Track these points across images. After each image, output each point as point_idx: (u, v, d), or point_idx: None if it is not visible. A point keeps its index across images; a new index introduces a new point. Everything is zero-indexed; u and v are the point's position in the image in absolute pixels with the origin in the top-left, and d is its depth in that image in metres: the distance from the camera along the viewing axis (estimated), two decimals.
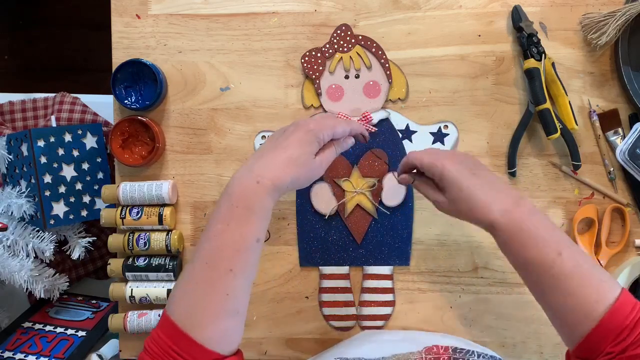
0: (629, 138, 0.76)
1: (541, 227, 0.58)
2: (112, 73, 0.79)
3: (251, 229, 0.56)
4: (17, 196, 0.81)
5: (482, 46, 0.80)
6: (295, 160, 0.59)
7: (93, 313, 0.96)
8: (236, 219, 0.56)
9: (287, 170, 0.58)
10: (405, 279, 0.81)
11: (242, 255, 0.56)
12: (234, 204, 0.57)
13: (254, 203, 0.57)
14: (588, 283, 0.55)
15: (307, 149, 0.60)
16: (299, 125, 0.62)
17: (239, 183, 0.58)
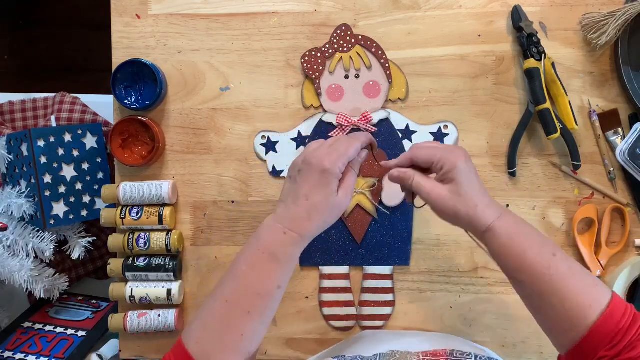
0: (629, 138, 0.76)
1: (533, 231, 0.59)
2: (112, 73, 0.79)
3: (275, 276, 0.58)
4: (17, 196, 0.81)
5: (482, 46, 0.80)
6: (319, 208, 0.59)
7: (93, 313, 0.96)
8: (261, 264, 0.58)
9: (313, 219, 0.59)
10: (405, 279, 0.81)
11: (262, 300, 0.58)
12: (260, 250, 0.58)
13: (280, 252, 0.58)
14: (582, 287, 0.56)
15: (327, 191, 0.59)
16: (311, 166, 0.60)
17: (267, 231, 0.60)
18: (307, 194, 0.59)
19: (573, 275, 0.56)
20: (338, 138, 0.63)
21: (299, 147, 0.81)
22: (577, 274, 0.57)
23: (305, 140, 0.81)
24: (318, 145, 0.62)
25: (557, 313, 0.56)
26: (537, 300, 0.57)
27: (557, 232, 0.80)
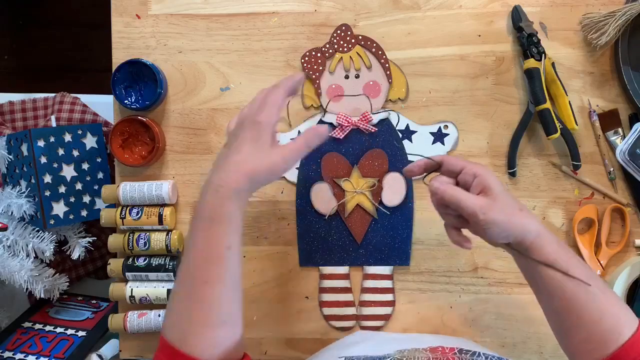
0: (629, 138, 0.76)
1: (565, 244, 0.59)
2: (112, 73, 0.79)
3: (219, 237, 0.56)
4: (17, 196, 0.81)
5: (482, 46, 0.80)
6: (248, 160, 0.57)
7: (93, 313, 0.96)
8: (203, 231, 0.56)
9: (242, 171, 0.56)
10: (405, 279, 0.81)
11: (214, 265, 0.56)
12: (199, 217, 0.57)
13: (217, 212, 0.56)
14: (617, 304, 0.56)
15: (257, 144, 0.57)
16: (244, 122, 0.59)
17: (202, 196, 0.57)
18: (237, 147, 0.57)
19: (609, 293, 0.57)
20: (262, 92, 0.61)
21: None
22: (611, 294, 0.57)
23: None
24: (248, 106, 0.61)
25: (595, 328, 0.55)
26: (574, 314, 0.56)
27: (557, 232, 0.80)
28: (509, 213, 0.58)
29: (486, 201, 0.58)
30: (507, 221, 0.57)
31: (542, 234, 0.58)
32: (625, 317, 0.56)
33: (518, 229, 0.58)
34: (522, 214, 0.58)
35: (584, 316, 0.56)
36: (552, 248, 0.57)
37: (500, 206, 0.58)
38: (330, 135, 0.80)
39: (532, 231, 0.57)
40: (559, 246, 0.58)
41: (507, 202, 0.58)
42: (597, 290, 0.56)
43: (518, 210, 0.58)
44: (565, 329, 0.59)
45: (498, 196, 0.58)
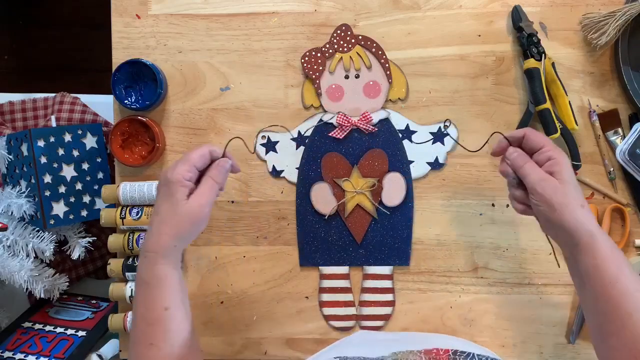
0: (629, 138, 0.76)
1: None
2: (112, 73, 0.79)
3: (155, 300, 0.58)
4: (17, 196, 0.81)
5: (482, 46, 0.80)
6: (165, 220, 0.58)
7: (93, 313, 0.96)
8: (141, 295, 0.59)
9: (164, 233, 0.58)
10: (405, 279, 0.81)
11: (155, 327, 0.57)
12: (137, 282, 0.60)
13: (149, 276, 0.58)
14: None
15: (172, 200, 0.58)
16: (160, 183, 0.61)
17: (139, 263, 0.60)
18: (156, 210, 0.60)
19: None
20: (187, 153, 0.62)
21: (299, 147, 0.81)
22: None
23: (306, 141, 0.81)
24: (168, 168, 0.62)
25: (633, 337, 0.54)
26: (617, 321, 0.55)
27: None
28: (567, 203, 0.57)
29: (551, 180, 0.58)
30: (562, 209, 0.57)
31: (597, 236, 0.56)
32: None
33: (571, 222, 0.57)
34: (582, 211, 0.57)
35: (626, 325, 0.54)
36: (604, 253, 0.56)
37: (562, 192, 0.57)
38: (330, 135, 0.80)
39: (587, 231, 0.56)
40: (612, 252, 0.56)
41: (570, 192, 0.57)
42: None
43: (579, 205, 0.57)
44: (605, 334, 0.57)
45: (564, 183, 0.58)
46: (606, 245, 0.56)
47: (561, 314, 0.80)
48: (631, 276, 0.55)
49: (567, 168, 0.59)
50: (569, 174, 0.58)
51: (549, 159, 0.59)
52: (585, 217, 0.57)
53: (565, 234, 0.58)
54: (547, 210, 0.58)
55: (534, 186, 0.58)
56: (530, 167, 0.60)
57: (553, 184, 0.58)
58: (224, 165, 0.62)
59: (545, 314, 0.80)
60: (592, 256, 0.56)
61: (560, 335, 0.80)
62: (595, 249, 0.56)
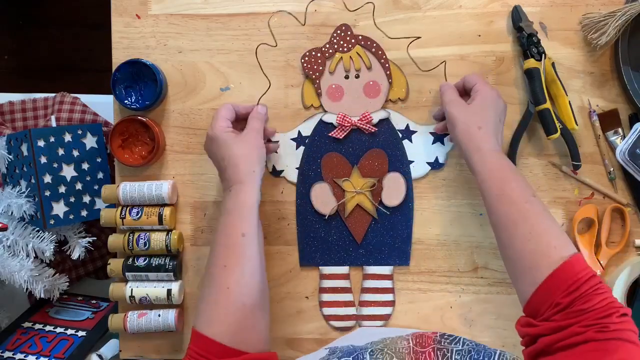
0: (629, 138, 0.76)
1: (519, 172, 0.68)
2: (112, 73, 0.79)
3: (234, 225, 0.65)
4: (17, 196, 0.81)
5: (482, 46, 0.80)
6: (233, 156, 0.68)
7: (93, 313, 0.96)
8: (222, 224, 0.67)
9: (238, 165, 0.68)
10: (405, 279, 0.81)
11: (231, 250, 0.64)
12: (221, 214, 0.68)
13: (232, 205, 0.67)
14: (552, 229, 0.60)
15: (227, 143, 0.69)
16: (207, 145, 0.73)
17: (223, 199, 0.69)
18: (222, 156, 0.69)
19: (546, 217, 0.61)
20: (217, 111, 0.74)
21: (299, 147, 0.81)
22: (550, 218, 0.62)
23: (306, 141, 0.81)
24: None
25: (525, 247, 0.59)
26: (509, 230, 0.61)
27: None
28: (466, 122, 0.68)
29: (458, 103, 0.71)
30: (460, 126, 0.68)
31: (484, 153, 0.66)
32: (557, 242, 0.58)
33: (464, 138, 0.68)
34: (478, 131, 0.68)
35: (516, 235, 0.60)
36: (489, 166, 0.65)
37: (464, 113, 0.69)
38: (330, 135, 0.80)
39: (476, 147, 0.67)
40: (499, 166, 0.65)
41: (472, 115, 0.69)
42: (532, 212, 0.60)
43: (476, 127, 0.68)
44: (503, 252, 0.63)
45: (472, 107, 0.69)
46: (491, 160, 0.66)
47: None
48: (518, 189, 0.63)
49: (481, 96, 0.70)
50: (481, 104, 0.69)
51: (476, 91, 0.71)
52: (478, 136, 0.67)
53: (460, 147, 0.69)
54: (450, 126, 0.71)
55: (445, 104, 0.71)
56: (448, 88, 0.73)
57: (460, 107, 0.70)
58: (262, 108, 0.76)
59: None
60: (479, 171, 0.66)
61: None
62: (482, 162, 0.66)
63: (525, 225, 0.60)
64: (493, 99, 0.70)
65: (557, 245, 0.58)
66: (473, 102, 0.70)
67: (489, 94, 0.70)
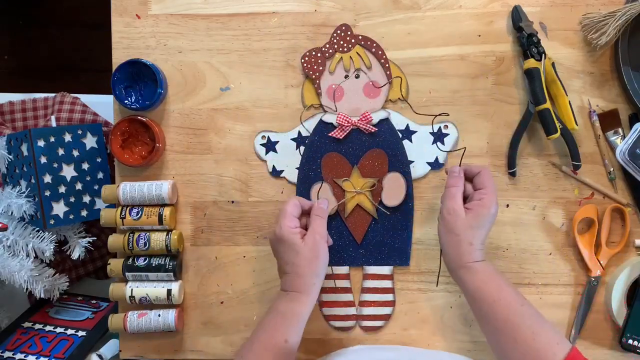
0: (629, 138, 0.76)
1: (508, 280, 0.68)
2: (112, 73, 0.79)
3: (281, 330, 0.66)
4: (17, 196, 0.81)
5: (482, 46, 0.80)
6: (299, 264, 0.68)
7: (93, 313, 0.96)
8: (270, 323, 0.68)
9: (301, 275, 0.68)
10: (405, 279, 0.81)
11: (270, 353, 0.65)
12: (271, 313, 0.69)
13: (285, 309, 0.68)
14: (549, 327, 0.62)
15: (295, 249, 0.68)
16: (273, 243, 0.71)
17: (277, 299, 0.70)
18: (286, 261, 0.69)
19: (541, 316, 0.64)
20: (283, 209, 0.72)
21: (298, 147, 0.81)
22: (543, 317, 0.64)
23: (305, 141, 0.81)
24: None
25: (529, 348, 0.61)
26: (511, 334, 0.62)
27: (557, 232, 0.80)
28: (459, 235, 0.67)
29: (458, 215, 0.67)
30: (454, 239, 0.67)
31: (476, 267, 0.66)
32: (558, 338, 0.61)
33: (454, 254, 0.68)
34: (469, 247, 0.67)
35: (518, 337, 0.62)
36: (483, 277, 0.66)
37: (461, 227, 0.67)
38: (331, 135, 0.80)
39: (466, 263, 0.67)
40: (490, 277, 0.66)
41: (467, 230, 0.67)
42: (529, 314, 0.63)
43: (468, 243, 0.67)
44: (503, 353, 0.64)
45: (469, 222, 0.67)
46: (482, 271, 0.66)
47: (561, 314, 0.80)
48: (512, 293, 0.65)
49: (482, 209, 0.67)
50: (479, 219, 0.67)
51: (480, 199, 0.68)
52: (467, 252, 0.67)
53: (447, 255, 0.69)
54: (442, 228, 0.69)
55: (445, 211, 0.69)
56: (453, 194, 0.69)
57: (458, 219, 0.67)
58: (323, 203, 0.75)
59: (545, 314, 0.78)
60: (468, 283, 0.67)
61: None
62: (471, 275, 0.66)
63: (527, 326, 0.62)
64: (492, 215, 0.68)
65: (559, 342, 0.61)
66: (472, 212, 0.67)
67: (490, 210, 0.67)
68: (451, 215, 0.68)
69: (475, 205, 0.68)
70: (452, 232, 0.67)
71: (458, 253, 0.67)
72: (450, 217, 0.68)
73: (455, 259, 0.68)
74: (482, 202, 0.68)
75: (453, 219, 0.67)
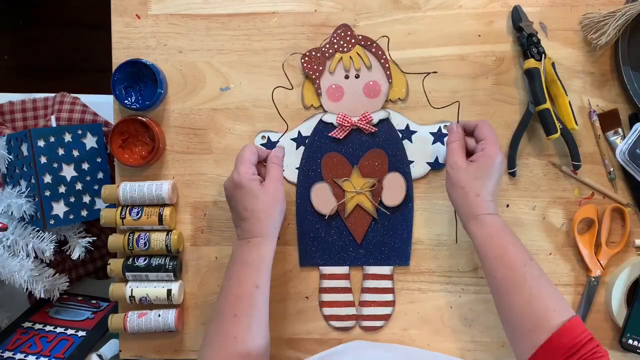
0: (629, 138, 0.76)
1: (516, 236, 0.67)
2: (112, 73, 0.79)
3: (250, 277, 0.66)
4: (17, 196, 0.81)
5: (482, 46, 0.80)
6: (258, 209, 0.68)
7: (93, 313, 0.96)
8: (237, 272, 0.67)
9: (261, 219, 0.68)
10: (405, 279, 0.81)
11: (243, 301, 0.65)
12: (234, 263, 0.68)
13: (250, 257, 0.67)
14: (551, 292, 0.61)
15: (254, 194, 0.68)
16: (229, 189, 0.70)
17: (236, 248, 0.69)
18: (245, 207, 0.68)
19: (545, 281, 0.62)
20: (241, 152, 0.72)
21: (299, 147, 0.81)
22: (548, 282, 0.64)
23: (306, 141, 0.81)
24: None
25: (525, 310, 0.60)
26: (509, 294, 0.62)
27: (557, 232, 0.80)
28: (465, 187, 0.67)
29: (461, 167, 0.68)
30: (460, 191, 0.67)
31: (482, 220, 0.66)
32: (556, 305, 0.59)
33: (461, 203, 0.68)
34: (476, 198, 0.66)
35: (515, 299, 0.61)
36: (489, 231, 0.65)
37: (466, 178, 0.67)
38: (330, 135, 0.80)
39: (472, 214, 0.66)
40: (497, 232, 0.65)
41: (472, 181, 0.67)
42: (530, 275, 0.61)
43: (474, 194, 0.67)
44: (502, 314, 0.63)
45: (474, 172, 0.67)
46: (490, 225, 0.66)
47: None
48: (516, 253, 0.64)
49: (485, 159, 0.67)
50: (483, 169, 0.67)
51: (482, 149, 0.68)
52: (475, 203, 0.67)
53: (457, 210, 0.69)
54: (448, 184, 0.70)
55: (448, 166, 0.70)
56: (454, 149, 0.70)
57: (460, 172, 0.68)
58: (280, 150, 0.75)
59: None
60: (476, 235, 0.66)
61: None
62: (479, 228, 0.66)
63: (525, 288, 0.61)
64: (496, 165, 0.67)
65: (557, 309, 0.59)
66: (475, 164, 0.68)
67: (494, 160, 0.67)
68: (454, 169, 0.68)
69: (478, 156, 0.68)
70: (458, 185, 0.68)
71: (467, 205, 0.67)
72: (453, 170, 0.68)
73: (466, 211, 0.68)
74: (484, 152, 0.68)
75: (456, 172, 0.68)
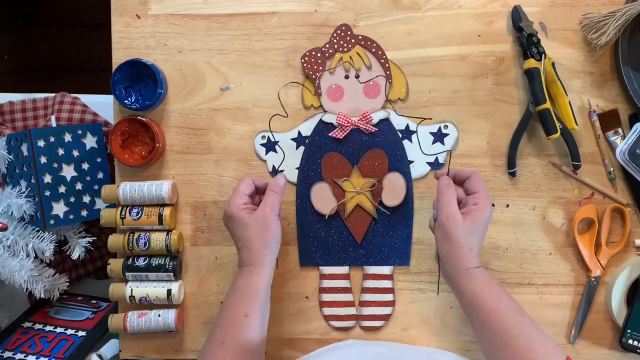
0: (629, 138, 0.76)
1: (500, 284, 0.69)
2: (112, 73, 0.79)
3: (240, 305, 0.67)
4: (17, 196, 0.81)
5: (482, 46, 0.80)
6: (252, 238, 0.69)
7: (93, 313, 0.96)
8: (229, 299, 0.69)
9: (251, 248, 0.69)
10: (405, 279, 0.81)
11: (232, 328, 0.66)
12: (231, 290, 0.70)
13: (242, 284, 0.68)
14: (543, 336, 0.62)
15: (242, 222, 0.69)
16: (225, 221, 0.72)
17: (235, 276, 0.70)
18: (238, 237, 0.71)
19: (537, 326, 0.64)
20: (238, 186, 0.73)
21: (299, 147, 0.81)
22: (539, 327, 0.64)
23: (306, 141, 0.81)
24: None
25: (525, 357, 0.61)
26: (510, 344, 0.62)
27: (557, 232, 0.80)
28: (458, 241, 0.66)
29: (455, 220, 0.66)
30: (452, 245, 0.66)
31: (474, 274, 0.66)
32: (553, 349, 0.61)
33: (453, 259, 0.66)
34: (469, 253, 0.66)
35: (515, 347, 0.61)
36: (481, 283, 0.65)
37: (460, 232, 0.66)
38: (330, 135, 0.80)
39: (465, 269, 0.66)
40: (488, 285, 0.66)
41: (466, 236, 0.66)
42: (526, 324, 0.63)
43: (468, 249, 0.66)
44: (494, 350, 0.64)
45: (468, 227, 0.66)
46: (482, 278, 0.66)
47: (561, 314, 0.80)
48: (509, 302, 0.65)
49: (479, 214, 0.66)
50: (477, 224, 0.66)
51: (476, 204, 0.67)
52: (468, 258, 0.66)
53: (446, 263, 0.67)
54: (442, 237, 0.67)
55: (443, 217, 0.67)
56: (448, 200, 0.68)
57: (457, 225, 0.66)
58: (280, 179, 0.74)
59: (545, 314, 0.80)
60: (467, 289, 0.66)
61: (560, 335, 0.80)
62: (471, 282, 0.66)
63: (523, 336, 0.62)
64: (488, 219, 0.67)
65: (555, 353, 0.61)
66: (469, 218, 0.66)
67: (486, 214, 0.67)
68: (450, 221, 0.66)
69: (472, 210, 0.67)
70: (451, 238, 0.66)
71: (458, 260, 0.66)
72: (449, 223, 0.66)
73: (456, 265, 0.66)
74: (478, 207, 0.67)
75: (452, 225, 0.66)
